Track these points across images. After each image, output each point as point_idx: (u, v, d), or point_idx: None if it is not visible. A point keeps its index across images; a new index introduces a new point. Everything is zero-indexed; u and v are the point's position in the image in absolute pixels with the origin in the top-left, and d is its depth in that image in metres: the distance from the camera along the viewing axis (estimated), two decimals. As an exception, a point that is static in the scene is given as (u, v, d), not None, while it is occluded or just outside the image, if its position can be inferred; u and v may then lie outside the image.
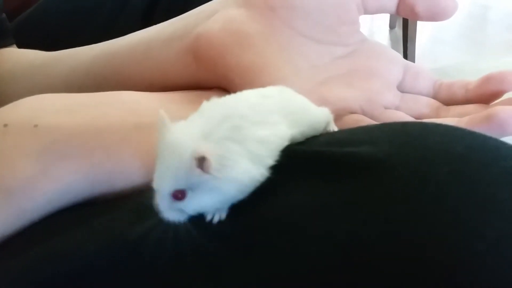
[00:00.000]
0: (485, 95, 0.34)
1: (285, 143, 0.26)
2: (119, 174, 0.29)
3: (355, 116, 0.34)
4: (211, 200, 0.23)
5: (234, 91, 0.36)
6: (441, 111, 0.36)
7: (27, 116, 0.30)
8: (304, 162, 0.25)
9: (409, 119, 0.34)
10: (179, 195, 0.23)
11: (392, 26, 2.11)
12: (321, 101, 0.34)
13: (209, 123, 0.24)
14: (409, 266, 0.20)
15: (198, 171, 0.22)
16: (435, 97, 0.37)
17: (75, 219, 0.28)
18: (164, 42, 0.38)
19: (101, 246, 0.25)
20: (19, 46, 0.49)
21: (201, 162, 0.22)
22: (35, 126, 0.29)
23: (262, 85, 0.34)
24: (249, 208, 0.24)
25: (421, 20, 0.36)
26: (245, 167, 0.23)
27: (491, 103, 0.35)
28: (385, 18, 2.12)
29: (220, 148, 0.23)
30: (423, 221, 0.21)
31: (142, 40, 0.39)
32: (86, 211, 0.29)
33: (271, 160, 0.24)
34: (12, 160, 0.28)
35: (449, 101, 0.36)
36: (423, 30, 1.96)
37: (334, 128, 0.31)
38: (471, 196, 0.21)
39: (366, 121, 0.34)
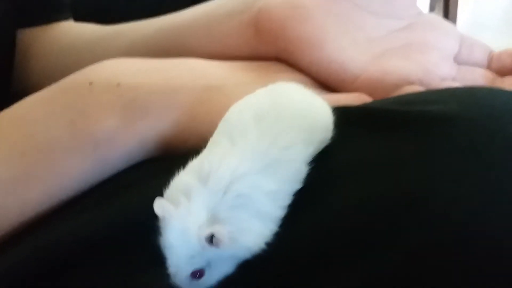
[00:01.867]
0: None
1: (303, 168, 0.25)
2: (193, 131, 0.31)
3: (414, 87, 0.34)
4: (229, 267, 0.24)
5: (294, 63, 0.37)
6: (496, 82, 0.36)
7: (110, 75, 0.32)
8: (376, 119, 0.27)
9: None
10: (197, 274, 0.23)
11: (432, 9, 2.06)
12: (379, 73, 0.34)
13: (212, 197, 0.23)
14: (472, 210, 0.21)
15: (212, 248, 0.22)
16: (489, 67, 0.38)
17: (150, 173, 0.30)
18: (226, 16, 0.39)
19: None
20: (76, 20, 0.50)
21: (212, 239, 0.22)
22: (118, 84, 0.31)
23: (321, 57, 0.35)
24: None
25: None
26: (256, 231, 0.23)
27: None
28: (425, 0, 2.07)
29: (228, 222, 0.23)
30: (490, 171, 0.22)
31: (204, 14, 0.40)
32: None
33: (280, 212, 0.24)
34: (98, 114, 0.31)
35: (501, 70, 0.37)
36: (464, 14, 1.91)
37: None
38: None
39: None
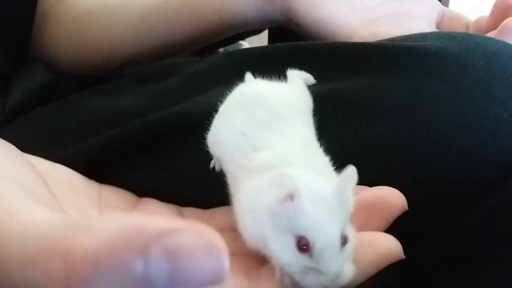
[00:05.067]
0: (499, 19, 0.39)
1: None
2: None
3: None
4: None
5: (296, 23, 0.42)
6: None
7: None
8: (371, 53, 0.32)
9: None
10: (344, 240, 0.22)
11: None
12: (369, 36, 0.38)
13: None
14: (446, 128, 0.27)
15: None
16: None
17: None
18: None
19: None
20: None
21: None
22: None
23: (322, 18, 0.40)
24: None
25: None
26: None
27: None
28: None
29: None
30: (462, 96, 0.28)
31: None
32: None
33: None
34: None
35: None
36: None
37: None
38: (500, 81, 0.28)
39: None
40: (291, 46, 0.36)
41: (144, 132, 0.34)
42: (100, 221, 0.17)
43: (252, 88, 0.30)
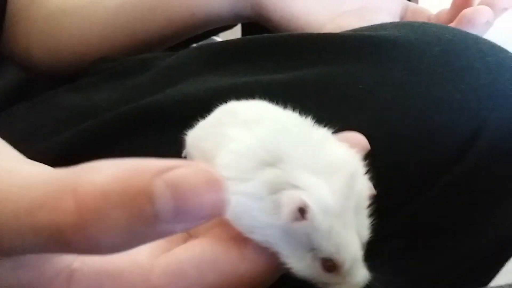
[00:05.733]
0: (459, 11, 0.41)
1: None
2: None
3: None
4: None
5: (267, 18, 0.43)
6: None
7: None
8: (336, 43, 0.34)
9: None
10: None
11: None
12: (337, 29, 0.40)
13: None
14: (405, 111, 0.29)
15: None
16: None
17: None
18: None
19: None
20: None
21: None
22: None
23: (291, 13, 0.41)
24: None
25: None
26: None
27: None
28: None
29: None
30: (419, 81, 0.30)
31: None
32: None
33: None
34: None
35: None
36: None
37: None
38: (453, 65, 0.30)
39: None
40: (261, 38, 0.37)
41: (116, 124, 0.35)
42: (102, 164, 0.17)
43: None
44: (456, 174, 0.29)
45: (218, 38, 0.85)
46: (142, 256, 0.22)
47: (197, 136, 0.27)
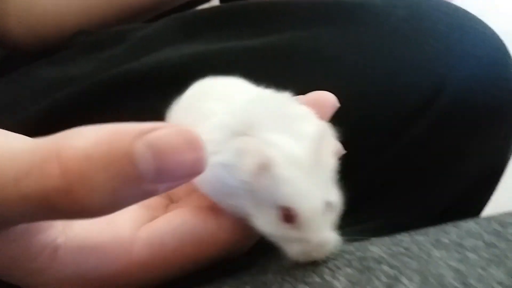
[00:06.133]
0: None
1: None
2: None
3: None
4: None
5: None
6: None
7: None
8: (306, 8, 0.35)
9: None
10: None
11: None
12: None
13: None
14: (371, 71, 0.31)
15: None
16: None
17: None
18: None
19: None
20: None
21: None
22: None
23: None
24: None
25: None
26: None
27: None
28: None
29: None
30: (384, 43, 0.32)
31: None
32: None
33: None
34: None
35: None
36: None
37: None
38: (418, 28, 0.32)
39: None
40: (233, 6, 0.38)
41: (93, 91, 0.35)
42: (84, 129, 0.17)
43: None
44: (421, 126, 0.31)
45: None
46: (124, 229, 0.22)
47: (177, 113, 0.28)
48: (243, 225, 0.22)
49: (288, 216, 0.20)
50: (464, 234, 0.21)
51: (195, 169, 0.17)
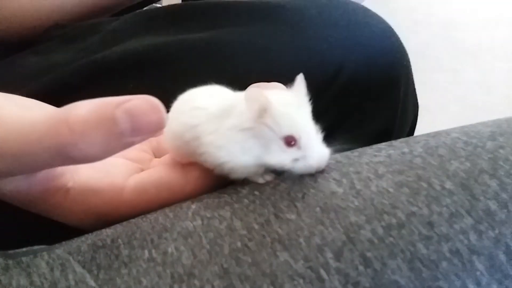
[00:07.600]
0: None
1: None
2: None
3: None
4: None
5: None
6: None
7: None
8: (239, 8, 0.44)
9: None
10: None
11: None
12: None
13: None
14: (285, 58, 0.40)
15: None
16: None
17: None
18: None
19: None
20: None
21: None
22: None
23: None
24: None
25: None
26: None
27: None
28: None
29: None
30: (298, 35, 0.41)
31: None
32: None
33: None
34: None
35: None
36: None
37: None
38: (325, 23, 0.42)
39: None
40: (187, 4, 0.46)
41: (74, 75, 0.43)
42: (82, 103, 0.24)
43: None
44: (327, 98, 0.41)
45: (159, 5, 0.92)
46: (117, 178, 0.30)
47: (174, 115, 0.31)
48: (204, 179, 0.29)
49: (291, 141, 0.26)
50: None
51: (159, 125, 0.23)
